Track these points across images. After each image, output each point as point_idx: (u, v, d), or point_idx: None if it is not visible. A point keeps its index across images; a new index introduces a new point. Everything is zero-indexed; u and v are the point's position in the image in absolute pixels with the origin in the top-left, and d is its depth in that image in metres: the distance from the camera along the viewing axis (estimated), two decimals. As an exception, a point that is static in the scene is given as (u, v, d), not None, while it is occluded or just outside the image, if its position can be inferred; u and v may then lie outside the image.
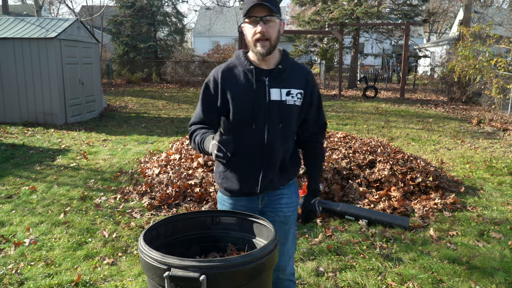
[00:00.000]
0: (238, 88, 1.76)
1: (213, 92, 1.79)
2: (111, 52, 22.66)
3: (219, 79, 1.78)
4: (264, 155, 1.80)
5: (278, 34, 1.72)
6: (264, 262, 1.42)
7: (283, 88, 1.78)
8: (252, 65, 1.77)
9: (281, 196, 1.91)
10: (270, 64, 1.78)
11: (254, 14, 1.66)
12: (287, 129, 1.83)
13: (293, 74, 1.82)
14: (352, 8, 17.21)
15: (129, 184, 4.99)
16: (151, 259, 1.38)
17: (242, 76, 1.77)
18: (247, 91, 1.76)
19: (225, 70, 1.79)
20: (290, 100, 1.78)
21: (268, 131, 1.77)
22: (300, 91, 1.81)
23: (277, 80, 1.78)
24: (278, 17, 1.70)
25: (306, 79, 1.84)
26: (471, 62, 10.43)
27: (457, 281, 2.91)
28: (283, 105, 1.78)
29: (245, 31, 1.73)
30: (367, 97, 14.98)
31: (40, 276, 2.93)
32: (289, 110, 1.79)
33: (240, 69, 1.78)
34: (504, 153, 6.89)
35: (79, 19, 9.62)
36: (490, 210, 4.29)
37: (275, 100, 1.76)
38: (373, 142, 5.79)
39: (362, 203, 4.30)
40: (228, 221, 1.79)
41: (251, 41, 1.71)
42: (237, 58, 1.82)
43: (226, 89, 1.76)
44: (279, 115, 1.78)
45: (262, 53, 1.69)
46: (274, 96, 1.77)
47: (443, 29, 38.29)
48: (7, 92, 8.91)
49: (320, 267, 3.08)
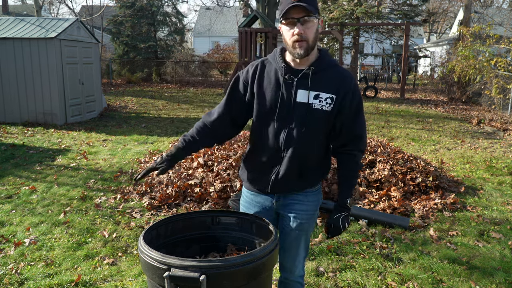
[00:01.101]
0: (266, 85, 1.75)
1: (243, 84, 1.80)
2: (111, 52, 22.67)
3: (251, 72, 1.78)
4: (281, 156, 1.75)
5: (316, 34, 1.66)
6: (264, 262, 1.42)
7: (312, 90, 1.70)
8: (284, 63, 1.72)
9: (296, 202, 1.85)
10: (304, 64, 1.71)
11: (291, 15, 1.61)
12: (311, 134, 1.73)
13: (326, 77, 1.71)
14: (352, 8, 17.22)
15: (129, 184, 4.99)
16: (151, 259, 1.38)
17: (272, 73, 1.75)
18: (274, 89, 1.73)
19: (259, 64, 1.79)
20: (317, 104, 1.69)
21: (288, 133, 1.72)
22: (330, 95, 1.70)
23: (306, 81, 1.69)
24: (316, 17, 1.63)
25: (342, 84, 1.72)
26: (471, 62, 10.43)
27: (457, 281, 2.91)
28: (308, 108, 1.70)
29: (282, 32, 1.67)
30: (367, 97, 14.98)
31: (40, 276, 2.93)
32: (315, 114, 1.70)
33: (272, 66, 1.77)
34: (504, 153, 6.89)
35: (79, 19, 9.62)
36: (490, 210, 4.29)
37: (301, 102, 1.70)
38: (373, 142, 5.79)
39: (362, 203, 4.30)
40: (228, 221, 1.79)
41: (289, 42, 1.65)
42: (273, 54, 1.80)
43: (255, 83, 1.76)
44: (303, 118, 1.70)
45: (300, 54, 1.64)
46: (300, 97, 1.70)
47: (443, 29, 38.30)
48: (7, 92, 8.91)
49: (320, 267, 3.08)
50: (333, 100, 1.70)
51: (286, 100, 1.71)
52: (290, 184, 1.80)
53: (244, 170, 1.92)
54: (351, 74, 1.80)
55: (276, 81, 1.73)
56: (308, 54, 1.66)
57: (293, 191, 1.84)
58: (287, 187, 1.82)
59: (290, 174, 1.77)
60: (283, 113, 1.72)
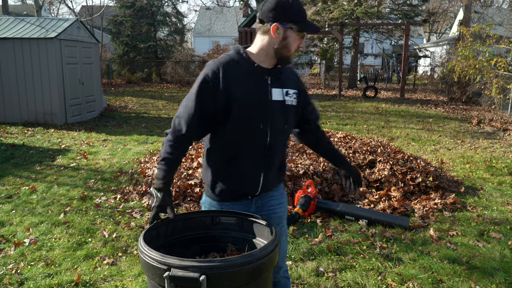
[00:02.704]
0: (241, 86, 1.68)
1: (212, 87, 1.65)
2: (111, 52, 22.66)
3: (220, 73, 1.66)
4: (266, 156, 1.76)
5: None
6: (264, 262, 1.41)
7: (283, 88, 1.77)
8: (255, 63, 1.72)
9: (273, 197, 1.90)
10: (271, 63, 1.74)
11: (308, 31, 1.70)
12: (288, 130, 1.84)
13: (289, 75, 1.83)
14: (352, 8, 17.21)
15: (129, 184, 4.99)
16: (151, 259, 1.37)
17: (244, 73, 1.70)
18: (250, 90, 1.70)
19: (226, 64, 1.68)
20: (288, 100, 1.78)
21: (270, 132, 1.73)
22: (295, 91, 1.82)
23: (278, 80, 1.75)
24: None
25: (297, 79, 1.88)
26: (471, 62, 10.43)
27: (457, 281, 2.91)
28: (284, 105, 1.76)
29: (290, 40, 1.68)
30: (367, 97, 14.97)
31: (40, 276, 2.93)
32: (288, 110, 1.79)
33: (242, 65, 1.71)
34: (504, 153, 6.89)
35: (79, 19, 9.62)
36: (490, 210, 4.29)
37: (277, 100, 1.74)
38: (373, 142, 5.79)
39: (362, 203, 4.30)
40: (228, 221, 1.79)
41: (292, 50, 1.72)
42: (237, 54, 1.73)
43: (228, 85, 1.66)
44: (280, 116, 1.75)
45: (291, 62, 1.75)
46: (275, 96, 1.73)
47: (443, 29, 38.29)
48: (7, 92, 8.91)
49: (320, 267, 3.08)
50: (297, 94, 1.83)
51: (264, 99, 1.72)
52: (272, 183, 1.86)
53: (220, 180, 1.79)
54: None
55: (251, 80, 1.71)
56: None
57: (274, 186, 1.90)
58: (269, 187, 1.87)
59: (274, 171, 1.84)
60: (263, 113, 1.72)
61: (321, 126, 2.08)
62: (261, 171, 1.78)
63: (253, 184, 1.79)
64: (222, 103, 1.66)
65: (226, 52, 1.80)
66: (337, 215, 4.03)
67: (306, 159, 5.05)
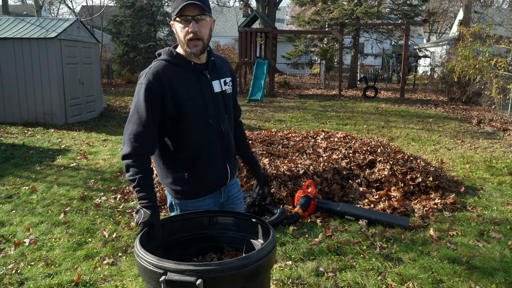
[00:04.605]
0: (184, 85, 1.70)
1: (158, 93, 1.65)
2: (111, 52, 22.66)
3: (163, 78, 1.66)
4: (225, 147, 1.84)
5: (210, 32, 1.72)
6: (261, 264, 1.41)
7: (220, 78, 1.84)
8: (191, 62, 1.73)
9: (234, 185, 2.00)
10: (202, 58, 1.78)
11: (186, 13, 1.63)
12: (231, 118, 1.91)
13: (221, 65, 1.88)
14: (352, 8, 17.21)
15: (129, 184, 4.99)
16: (147, 263, 1.36)
17: (183, 73, 1.72)
18: (194, 87, 1.73)
19: (165, 68, 1.69)
20: (228, 89, 1.87)
21: (222, 123, 1.81)
22: (230, 78, 1.90)
23: (214, 72, 1.81)
24: (210, 16, 1.69)
25: (230, 67, 1.94)
26: (471, 62, 10.42)
27: (457, 281, 2.91)
28: (224, 95, 1.84)
29: (177, 30, 1.69)
30: (367, 97, 14.97)
31: (40, 276, 2.93)
32: (229, 99, 1.88)
33: (179, 66, 1.72)
34: (504, 153, 6.88)
35: (79, 19, 9.62)
36: (490, 210, 4.29)
37: (218, 92, 1.81)
38: (373, 142, 5.79)
39: (362, 203, 4.30)
40: (226, 221, 1.78)
41: (183, 40, 1.67)
42: (170, 56, 1.73)
43: (172, 88, 1.67)
44: (224, 105, 1.83)
45: (195, 52, 1.68)
46: (216, 88, 1.81)
47: (443, 29, 38.28)
48: (7, 92, 8.91)
49: (320, 267, 3.08)
50: (232, 81, 1.91)
51: (207, 94, 1.76)
52: (233, 170, 1.94)
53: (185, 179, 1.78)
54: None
55: (191, 79, 1.73)
56: (204, 52, 1.73)
57: (233, 176, 1.96)
58: (233, 174, 1.93)
59: (233, 161, 1.93)
60: (210, 107, 1.76)
61: (242, 123, 2.13)
62: (225, 161, 1.85)
63: (223, 175, 1.86)
64: (171, 106, 1.67)
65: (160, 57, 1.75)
66: (337, 215, 4.03)
67: (306, 159, 5.05)
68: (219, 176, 1.85)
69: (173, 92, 1.67)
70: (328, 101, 13.99)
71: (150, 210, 1.60)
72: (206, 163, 1.78)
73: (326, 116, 10.67)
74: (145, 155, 1.68)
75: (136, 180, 1.62)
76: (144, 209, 1.61)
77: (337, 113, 11.33)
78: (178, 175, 1.79)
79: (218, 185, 1.87)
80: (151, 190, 1.64)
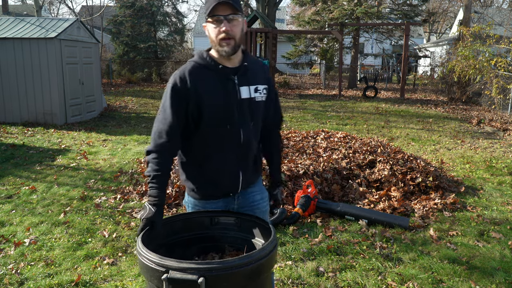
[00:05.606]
0: (209, 88, 1.71)
1: (183, 94, 1.69)
2: (111, 52, 22.65)
3: (188, 80, 1.69)
4: (241, 154, 1.80)
5: (242, 32, 1.70)
6: (263, 263, 1.41)
7: (251, 85, 1.78)
8: (220, 64, 1.73)
9: (255, 193, 1.93)
10: (235, 62, 1.76)
11: (217, 13, 1.64)
12: (257, 126, 1.85)
13: (256, 70, 1.83)
14: (352, 8, 17.21)
15: (129, 184, 4.99)
16: (149, 261, 1.37)
17: (210, 76, 1.72)
18: (218, 91, 1.72)
19: (192, 70, 1.72)
20: (258, 97, 1.80)
21: (243, 130, 1.76)
22: (265, 86, 1.84)
23: (245, 77, 1.77)
24: (241, 16, 1.69)
25: (267, 74, 1.88)
26: (471, 62, 10.42)
27: (457, 281, 2.91)
28: (253, 103, 1.78)
29: (208, 31, 1.70)
30: (367, 97, 14.97)
31: (40, 276, 2.93)
32: (258, 107, 1.81)
33: (207, 68, 1.73)
34: (504, 153, 6.88)
35: (79, 19, 9.62)
36: (490, 210, 4.29)
37: (245, 98, 1.76)
38: (373, 142, 5.79)
39: (362, 203, 4.30)
40: (227, 221, 1.79)
41: (215, 40, 1.68)
42: (201, 58, 1.75)
43: (197, 89, 1.69)
44: (250, 113, 1.78)
45: (227, 52, 1.67)
46: (244, 94, 1.76)
47: (443, 29, 38.27)
48: (7, 92, 8.91)
49: (320, 267, 3.08)
50: (267, 90, 1.85)
51: (232, 99, 1.74)
52: (250, 178, 1.88)
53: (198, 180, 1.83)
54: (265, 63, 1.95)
55: (217, 82, 1.72)
56: (235, 52, 1.70)
57: (253, 182, 1.92)
58: (249, 183, 1.89)
59: (251, 168, 1.87)
60: (232, 113, 1.74)
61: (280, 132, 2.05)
62: (239, 168, 1.82)
63: (233, 182, 1.82)
64: (194, 108, 1.70)
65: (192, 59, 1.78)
66: (337, 215, 4.03)
67: (306, 159, 5.05)
68: (230, 181, 1.82)
69: (197, 95, 1.69)
70: (328, 101, 13.99)
71: (156, 208, 1.63)
72: (218, 166, 1.79)
73: (326, 116, 10.67)
74: (167, 153, 1.70)
75: (151, 176, 1.66)
76: (150, 206, 1.63)
77: (337, 113, 11.33)
78: (191, 174, 1.84)
79: (229, 190, 1.84)
80: (162, 189, 1.66)
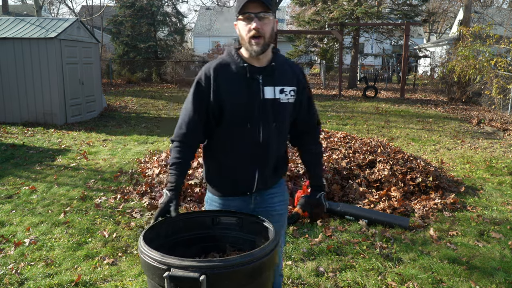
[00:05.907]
0: (232, 86, 1.71)
1: (205, 90, 1.72)
2: (111, 52, 22.65)
3: (211, 76, 1.71)
4: (260, 154, 1.78)
5: (272, 31, 1.69)
6: (264, 262, 1.41)
7: (277, 86, 1.76)
8: (245, 63, 1.72)
9: (273, 195, 1.91)
10: (263, 61, 1.74)
11: (248, 10, 1.63)
12: (281, 128, 1.81)
13: (285, 72, 1.80)
14: (352, 8, 17.21)
15: (129, 184, 4.99)
16: (151, 259, 1.37)
17: (235, 74, 1.72)
18: (241, 89, 1.72)
19: (217, 67, 1.73)
20: (284, 98, 1.77)
21: (263, 130, 1.75)
22: (293, 88, 1.80)
23: (271, 78, 1.75)
24: (272, 15, 1.67)
25: (298, 77, 1.84)
26: (471, 62, 10.43)
27: (457, 281, 2.91)
28: (277, 104, 1.76)
29: (239, 28, 1.69)
30: (367, 97, 14.97)
31: (40, 276, 2.93)
32: (283, 108, 1.78)
33: (233, 66, 1.73)
34: (504, 153, 6.89)
35: (79, 19, 9.62)
36: (490, 210, 4.29)
37: (269, 99, 1.74)
38: (373, 142, 5.79)
39: (362, 203, 4.30)
40: (229, 221, 1.79)
41: (245, 38, 1.66)
42: (229, 55, 1.76)
43: (220, 87, 1.71)
44: (273, 113, 1.76)
45: (256, 50, 1.66)
46: (267, 94, 1.74)
47: (443, 29, 38.28)
48: (7, 92, 8.91)
49: (320, 267, 3.08)
50: (295, 92, 1.81)
51: (254, 98, 1.73)
52: (269, 180, 1.86)
53: (218, 176, 1.86)
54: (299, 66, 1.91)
55: (241, 80, 1.72)
56: (265, 51, 1.68)
57: (272, 184, 1.90)
58: (267, 184, 1.86)
59: (270, 169, 1.84)
60: (256, 112, 1.73)
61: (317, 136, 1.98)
62: (256, 168, 1.80)
63: (248, 181, 1.81)
64: (215, 104, 1.72)
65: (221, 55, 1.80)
66: (337, 215, 4.03)
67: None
68: (246, 180, 1.81)
69: (219, 92, 1.71)
70: (328, 101, 13.99)
71: (171, 193, 1.68)
72: (235, 164, 1.80)
73: (326, 116, 10.67)
74: (187, 144, 1.76)
75: (170, 163, 1.74)
76: (167, 191, 1.70)
77: (337, 113, 11.33)
78: (211, 171, 1.88)
79: (245, 188, 1.83)
80: (180, 176, 1.72)
